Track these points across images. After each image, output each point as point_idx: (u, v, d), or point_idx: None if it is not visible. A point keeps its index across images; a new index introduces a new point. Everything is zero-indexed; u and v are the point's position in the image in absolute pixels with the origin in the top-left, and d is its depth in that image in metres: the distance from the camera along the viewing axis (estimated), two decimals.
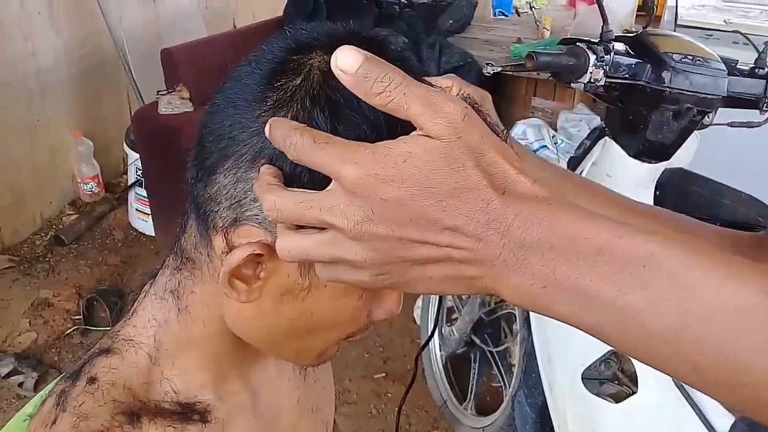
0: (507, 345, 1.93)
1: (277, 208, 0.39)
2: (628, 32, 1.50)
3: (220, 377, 0.57)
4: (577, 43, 1.18)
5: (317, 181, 0.40)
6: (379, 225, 0.36)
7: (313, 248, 0.39)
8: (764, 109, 1.24)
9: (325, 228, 0.38)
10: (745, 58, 1.30)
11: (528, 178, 0.37)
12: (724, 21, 2.61)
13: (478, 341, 1.99)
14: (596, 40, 1.18)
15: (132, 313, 0.57)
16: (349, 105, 0.42)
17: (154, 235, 2.89)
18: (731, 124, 1.29)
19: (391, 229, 0.36)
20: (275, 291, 0.48)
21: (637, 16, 3.02)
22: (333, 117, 0.42)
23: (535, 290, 0.36)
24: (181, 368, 0.55)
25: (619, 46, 1.20)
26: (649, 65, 1.18)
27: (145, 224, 2.96)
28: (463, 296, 2.12)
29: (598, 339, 0.37)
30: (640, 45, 1.22)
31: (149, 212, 2.86)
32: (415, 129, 0.37)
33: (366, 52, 0.37)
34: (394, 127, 0.39)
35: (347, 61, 0.37)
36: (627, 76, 1.19)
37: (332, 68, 0.38)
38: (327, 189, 0.38)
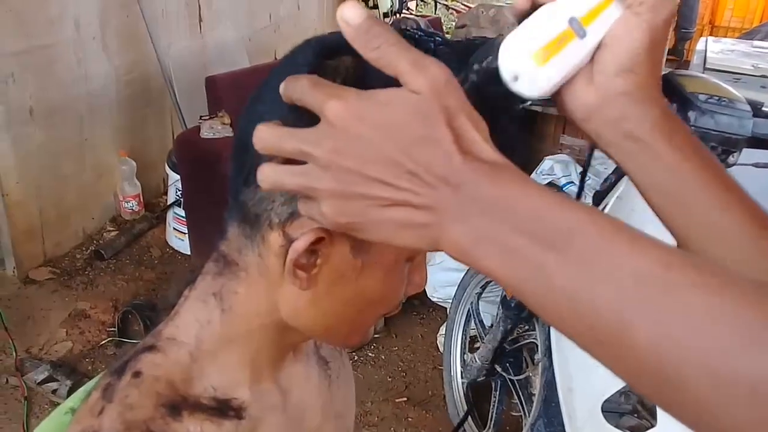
0: (528, 374, 1.94)
1: (260, 137, 0.42)
2: None
3: (255, 376, 0.60)
4: None
5: None
6: (348, 158, 0.39)
7: (284, 175, 0.42)
8: None
9: (303, 163, 0.41)
10: None
11: (491, 147, 0.40)
12: (752, 66, 2.63)
13: (499, 369, 2.00)
14: None
15: (174, 315, 0.60)
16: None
17: (189, 253, 2.96)
18: (756, 165, 1.32)
19: (357, 165, 0.39)
20: (330, 276, 0.52)
21: (666, 60, 3.06)
22: None
23: (469, 244, 0.39)
24: (220, 366, 0.58)
25: None
26: (675, 105, 1.22)
27: (181, 243, 3.03)
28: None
29: (518, 296, 0.40)
30: (666, 85, 1.24)
31: (186, 231, 2.93)
32: None
33: (369, 11, 0.42)
34: None
35: (351, 14, 0.40)
36: None
37: (337, 19, 0.41)
38: (312, 127, 0.41)
